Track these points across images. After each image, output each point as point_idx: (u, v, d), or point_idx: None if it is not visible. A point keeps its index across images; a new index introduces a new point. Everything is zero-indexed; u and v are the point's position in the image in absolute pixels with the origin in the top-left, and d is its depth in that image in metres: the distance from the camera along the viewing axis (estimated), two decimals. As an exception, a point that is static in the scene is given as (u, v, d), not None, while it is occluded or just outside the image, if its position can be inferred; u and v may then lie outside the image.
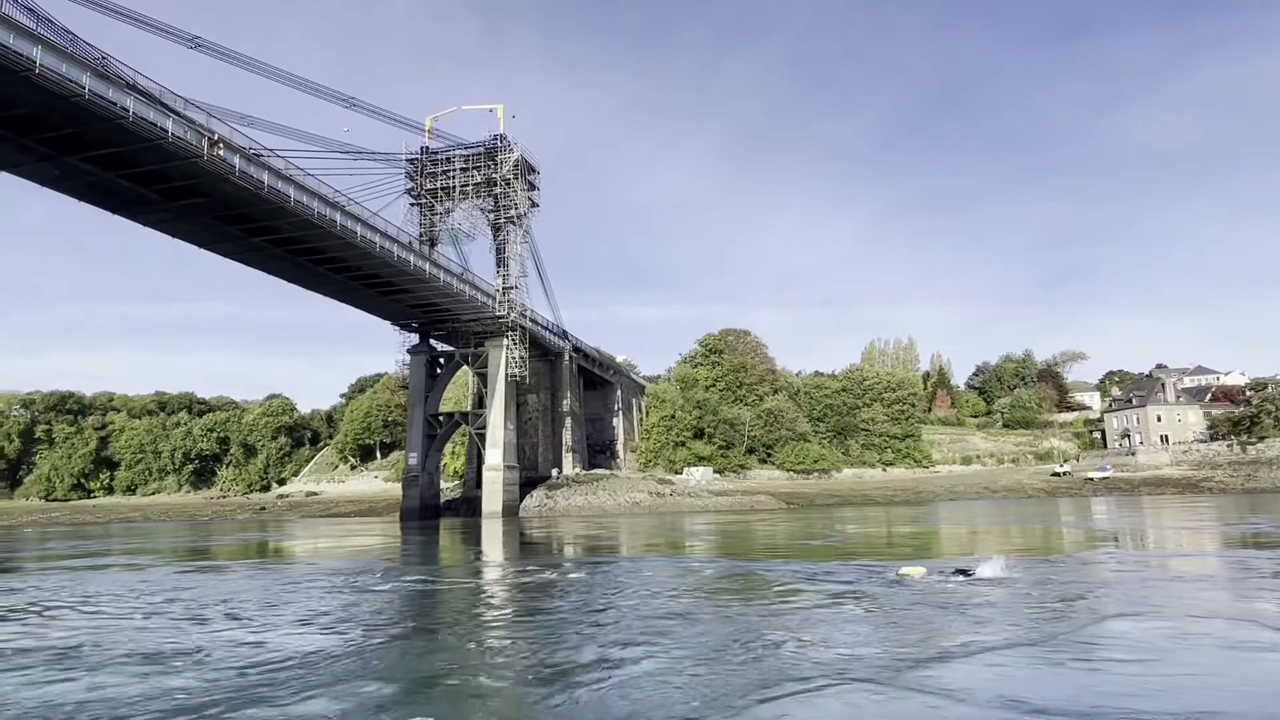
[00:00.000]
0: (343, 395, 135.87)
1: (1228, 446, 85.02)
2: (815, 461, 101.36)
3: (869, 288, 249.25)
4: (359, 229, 51.07)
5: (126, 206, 45.11)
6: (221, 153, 41.32)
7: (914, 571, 16.83)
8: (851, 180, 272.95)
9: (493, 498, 65.35)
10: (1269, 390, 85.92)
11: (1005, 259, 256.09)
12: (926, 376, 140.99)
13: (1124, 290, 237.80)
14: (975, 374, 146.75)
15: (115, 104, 35.74)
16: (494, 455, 66.46)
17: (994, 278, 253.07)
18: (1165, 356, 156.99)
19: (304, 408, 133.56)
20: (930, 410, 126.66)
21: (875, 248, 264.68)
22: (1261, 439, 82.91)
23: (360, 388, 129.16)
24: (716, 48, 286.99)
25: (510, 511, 65.55)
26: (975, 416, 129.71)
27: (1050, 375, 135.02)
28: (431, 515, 67.46)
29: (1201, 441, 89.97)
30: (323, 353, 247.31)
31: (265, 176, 43.88)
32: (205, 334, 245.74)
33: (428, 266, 58.50)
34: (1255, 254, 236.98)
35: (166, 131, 38.03)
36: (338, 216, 49.27)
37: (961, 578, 16.34)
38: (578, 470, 78.41)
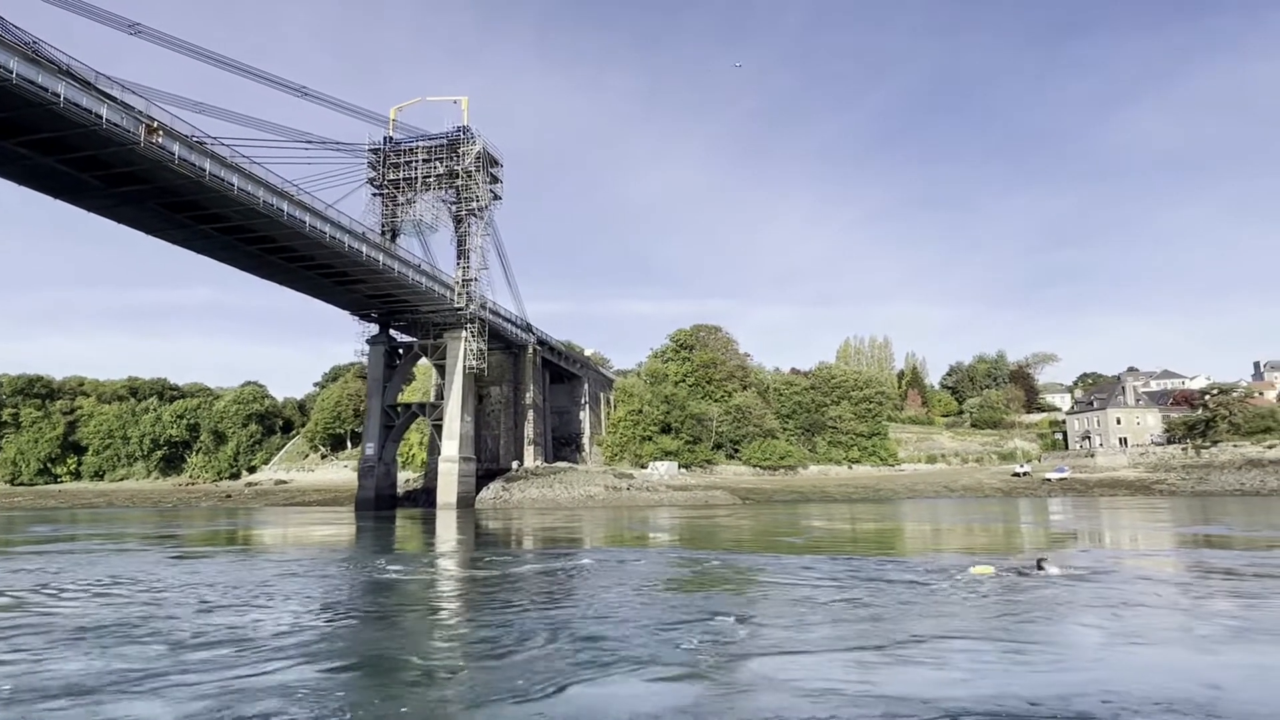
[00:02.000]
0: (316, 384, 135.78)
1: (1182, 450, 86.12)
2: (782, 458, 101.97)
3: (863, 286, 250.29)
4: (307, 218, 51.07)
5: (68, 192, 44.96)
6: (160, 140, 41.26)
7: (984, 570, 17.35)
8: (847, 179, 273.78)
9: (447, 489, 65.60)
10: (1223, 395, 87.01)
11: (995, 260, 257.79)
12: (901, 375, 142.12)
13: (1109, 293, 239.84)
14: (949, 374, 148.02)
15: (46, 89, 35.64)
16: (450, 447, 66.70)
17: (983, 279, 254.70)
18: (1143, 360, 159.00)
19: (285, 396, 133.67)
20: (902, 409, 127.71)
21: (870, 246, 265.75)
22: (1215, 443, 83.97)
23: (333, 376, 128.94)
24: (714, 45, 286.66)
25: (465, 503, 65.86)
26: (946, 416, 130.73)
27: (1021, 377, 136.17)
28: (388, 505, 67.65)
29: (1158, 444, 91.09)
30: (309, 340, 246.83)
31: (207, 164, 43.81)
32: (190, 320, 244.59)
33: (381, 257, 58.51)
34: (1241, 259, 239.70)
35: (101, 117, 37.94)
36: (285, 205, 49.25)
37: (1038, 573, 16.81)
38: (538, 463, 78.74)
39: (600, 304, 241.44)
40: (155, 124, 41.17)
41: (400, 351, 72.83)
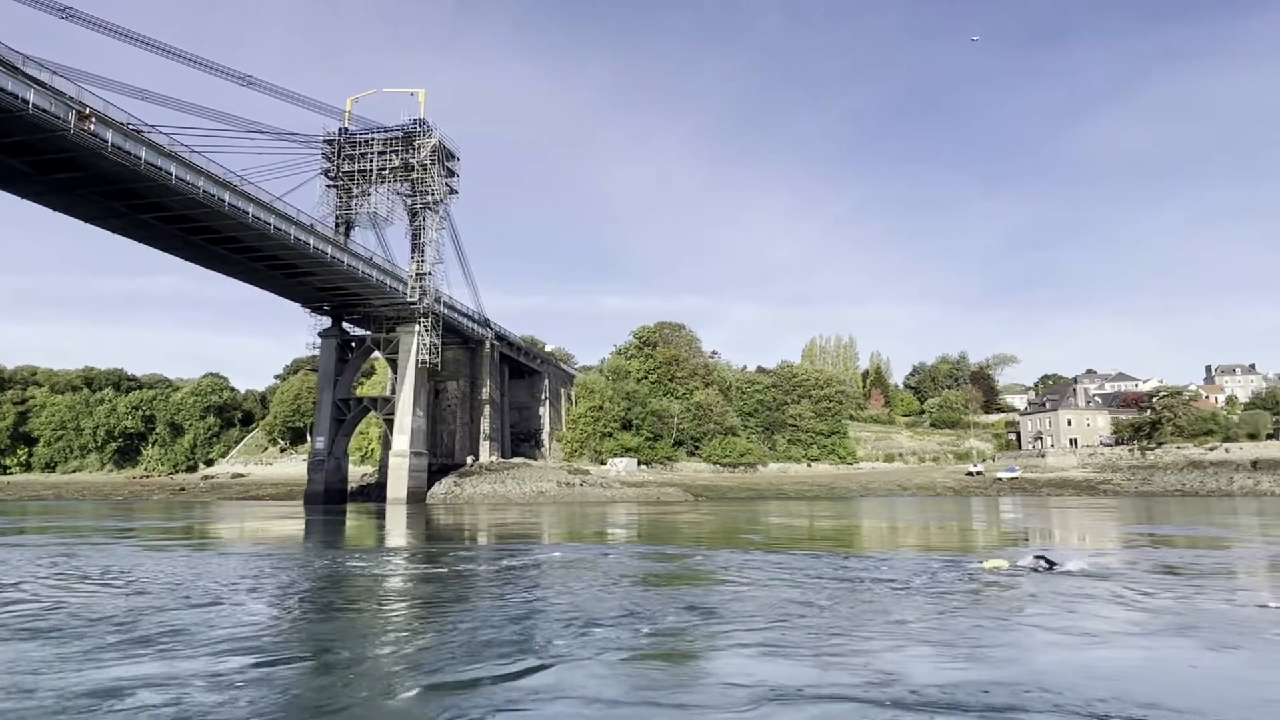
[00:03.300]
0: (277, 376, 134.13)
1: (1129, 451, 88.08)
2: (741, 456, 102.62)
3: (837, 286, 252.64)
4: (250, 209, 50.46)
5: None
6: (93, 126, 40.57)
7: (998, 564, 17.50)
8: (824, 179, 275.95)
9: (398, 484, 65.31)
10: (1168, 398, 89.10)
11: (966, 262, 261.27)
12: (866, 375, 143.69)
13: (1076, 297, 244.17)
14: (912, 374, 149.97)
15: (-34, 72, 34.91)
16: (400, 441, 66.36)
17: (953, 280, 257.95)
18: (1104, 362, 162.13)
19: (248, 388, 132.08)
20: (865, 408, 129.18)
21: (844, 247, 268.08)
22: (1160, 444, 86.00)
23: (294, 368, 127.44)
24: (693, 41, 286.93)
25: (416, 498, 65.56)
26: (907, 415, 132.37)
27: (981, 378, 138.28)
28: (337, 500, 67.12)
29: (1107, 445, 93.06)
30: (280, 331, 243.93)
31: (143, 152, 43.16)
32: (158, 310, 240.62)
33: (329, 249, 57.98)
34: (1202, 265, 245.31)
35: (28, 103, 37.23)
36: (226, 196, 48.64)
37: (1046, 568, 16.98)
38: (494, 458, 78.57)
39: (575, 299, 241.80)
40: (87, 110, 40.46)
41: (353, 345, 72.20)
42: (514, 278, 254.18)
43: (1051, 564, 17.27)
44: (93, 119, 40.61)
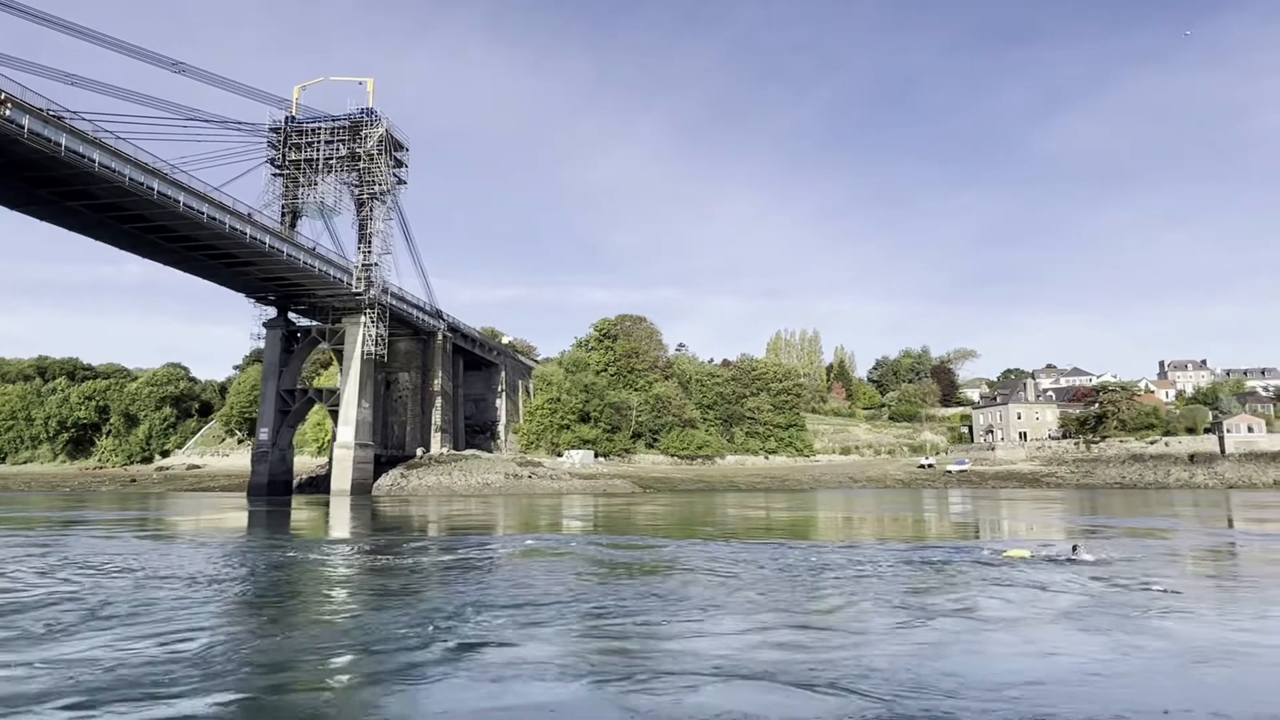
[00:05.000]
0: (236, 366, 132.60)
1: (1075, 444, 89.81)
2: (700, 448, 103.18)
3: (810, 280, 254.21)
4: (182, 197, 49.84)
5: (-87, 164, 43.11)
6: (8, 112, 39.87)
7: (1019, 553, 17.72)
8: (798, 174, 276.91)
9: (342, 476, 65.04)
10: (1112, 393, 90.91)
11: (934, 258, 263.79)
12: (830, 368, 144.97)
13: (1042, 293, 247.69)
14: (874, 367, 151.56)
15: None
16: (345, 433, 66.05)
17: (923, 276, 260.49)
18: (1066, 357, 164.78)
19: (210, 378, 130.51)
20: (826, 400, 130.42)
21: (818, 242, 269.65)
22: (1104, 438, 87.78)
23: (253, 359, 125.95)
24: (668, 35, 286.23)
25: (361, 490, 65.27)
26: (869, 409, 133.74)
27: (942, 371, 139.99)
28: (282, 491, 66.68)
29: (1054, 439, 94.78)
30: (249, 321, 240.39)
31: (63, 139, 42.46)
32: (127, 298, 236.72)
33: (268, 239, 57.40)
34: (1162, 263, 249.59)
35: (-66, 87, 36.53)
36: (155, 183, 47.99)
37: (1068, 560, 17.27)
38: (444, 450, 78.40)
39: (551, 291, 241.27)
40: (2, 95, 39.76)
41: (298, 336, 71.58)
42: (489, 270, 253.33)
43: (1075, 554, 17.65)
44: (8, 104, 39.92)
